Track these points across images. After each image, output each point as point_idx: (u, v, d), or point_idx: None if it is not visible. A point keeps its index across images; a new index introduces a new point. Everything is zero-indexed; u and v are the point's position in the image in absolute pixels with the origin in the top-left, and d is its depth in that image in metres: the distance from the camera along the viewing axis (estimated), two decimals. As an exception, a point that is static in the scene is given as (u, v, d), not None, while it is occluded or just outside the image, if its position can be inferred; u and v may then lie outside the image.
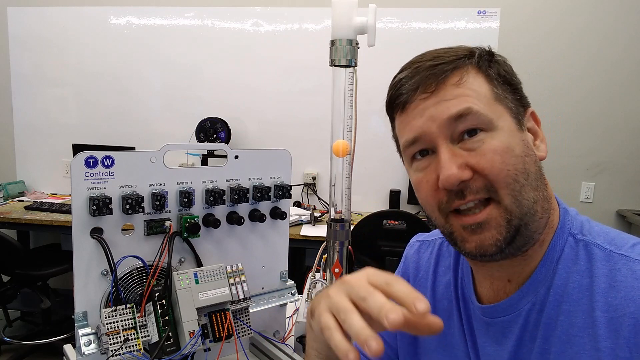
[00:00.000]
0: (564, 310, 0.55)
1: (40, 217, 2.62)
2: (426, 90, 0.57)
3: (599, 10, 2.84)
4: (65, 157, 3.16)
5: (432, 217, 0.61)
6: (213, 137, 2.93)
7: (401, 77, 0.60)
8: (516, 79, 0.60)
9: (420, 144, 0.58)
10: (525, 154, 0.56)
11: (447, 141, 0.56)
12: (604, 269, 0.54)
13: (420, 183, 0.59)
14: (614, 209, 2.98)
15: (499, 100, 0.57)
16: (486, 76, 0.58)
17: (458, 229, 0.57)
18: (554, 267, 0.57)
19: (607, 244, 0.56)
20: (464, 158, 0.55)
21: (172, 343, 0.78)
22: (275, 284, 1.03)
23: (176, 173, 0.86)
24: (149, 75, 3.15)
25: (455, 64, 0.57)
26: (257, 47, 3.04)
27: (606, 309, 0.52)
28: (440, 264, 0.74)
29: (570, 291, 0.55)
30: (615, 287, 0.52)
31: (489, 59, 0.59)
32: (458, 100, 0.55)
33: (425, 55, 0.60)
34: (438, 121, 0.56)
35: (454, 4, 2.90)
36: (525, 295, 0.58)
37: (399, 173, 3.02)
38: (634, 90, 2.88)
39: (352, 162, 1.12)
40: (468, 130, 0.55)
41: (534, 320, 0.57)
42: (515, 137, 0.56)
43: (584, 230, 0.58)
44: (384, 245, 2.27)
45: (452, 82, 0.56)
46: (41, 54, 3.18)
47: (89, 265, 0.78)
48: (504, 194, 0.54)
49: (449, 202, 0.56)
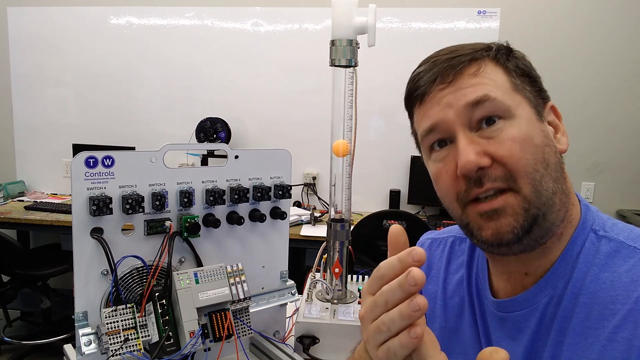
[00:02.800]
0: (580, 302, 0.55)
1: (40, 217, 2.62)
2: (444, 81, 0.57)
3: (599, 10, 2.84)
4: (65, 157, 3.16)
5: (449, 208, 0.60)
6: (213, 137, 2.93)
7: (419, 70, 0.60)
8: (535, 73, 0.60)
9: (438, 133, 0.58)
10: (545, 144, 0.55)
11: (465, 129, 0.56)
12: (627, 264, 0.54)
13: (440, 173, 0.59)
14: (614, 209, 2.98)
15: (517, 90, 0.57)
16: (504, 68, 0.58)
17: (474, 218, 0.56)
18: (573, 261, 0.57)
19: (631, 241, 0.55)
20: (483, 146, 0.54)
21: (172, 343, 0.78)
22: (275, 284, 1.03)
23: (176, 173, 0.86)
24: (149, 75, 3.15)
25: (472, 56, 0.57)
26: (257, 47, 3.04)
27: (626, 301, 0.52)
28: (452, 262, 0.73)
29: (588, 284, 0.55)
30: (637, 281, 0.52)
31: (507, 53, 0.59)
32: (475, 88, 0.55)
33: (443, 50, 0.60)
34: (455, 108, 0.56)
35: (454, 4, 2.90)
36: (543, 289, 0.58)
37: (399, 173, 3.02)
38: (634, 90, 2.88)
39: (352, 162, 1.12)
40: (486, 118, 0.55)
41: (551, 314, 0.57)
42: (535, 126, 0.56)
43: (606, 227, 0.58)
44: (384, 245, 2.27)
45: (469, 72, 0.57)
46: (41, 54, 3.18)
47: (89, 265, 0.78)
48: (523, 182, 0.53)
49: (468, 191, 0.56)
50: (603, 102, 2.90)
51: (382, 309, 0.43)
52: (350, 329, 1.01)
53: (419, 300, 0.40)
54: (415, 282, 0.40)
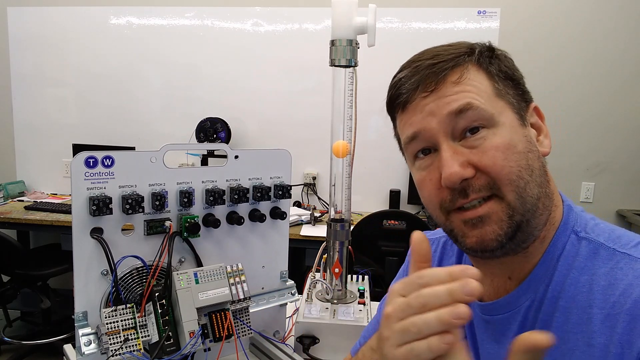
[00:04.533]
0: (560, 306, 0.55)
1: (40, 217, 2.62)
2: (426, 89, 0.56)
3: (599, 10, 2.84)
4: (65, 157, 3.16)
5: (433, 215, 0.60)
6: (213, 137, 2.93)
7: (401, 76, 0.60)
8: (518, 74, 0.60)
9: (421, 142, 0.58)
10: (528, 149, 0.55)
11: (448, 138, 0.55)
12: (605, 267, 0.54)
13: (424, 182, 0.59)
14: (614, 209, 2.98)
15: (500, 96, 0.56)
16: (487, 73, 0.57)
17: (459, 225, 0.57)
18: (554, 264, 0.57)
19: (611, 242, 0.55)
20: (466, 156, 0.54)
21: (172, 343, 0.78)
22: (275, 284, 1.03)
23: (176, 173, 0.86)
24: (149, 75, 3.15)
25: (455, 62, 0.56)
26: (257, 47, 3.04)
27: (603, 306, 0.51)
28: (444, 262, 0.73)
29: (567, 288, 0.55)
30: (614, 285, 0.52)
31: (489, 55, 0.58)
32: (458, 96, 0.55)
33: (424, 53, 0.59)
34: (438, 117, 0.55)
35: (454, 4, 2.90)
36: (524, 292, 0.58)
37: (399, 173, 3.02)
38: (634, 90, 2.88)
39: (352, 162, 1.12)
40: (470, 128, 0.55)
41: (532, 318, 0.57)
42: (518, 133, 0.56)
43: (587, 228, 0.58)
44: (384, 245, 2.27)
45: (452, 79, 0.56)
46: (41, 54, 3.18)
47: (89, 265, 0.78)
48: (507, 190, 0.53)
49: (453, 201, 0.56)
50: (603, 102, 2.90)
51: (415, 310, 0.42)
52: (350, 329, 1.01)
53: (464, 309, 0.40)
54: (472, 293, 0.40)
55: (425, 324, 0.41)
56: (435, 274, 0.43)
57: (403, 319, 0.43)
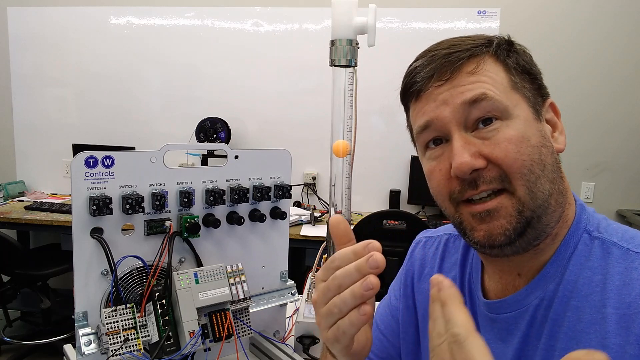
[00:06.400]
0: (572, 306, 0.54)
1: (40, 217, 2.62)
2: (441, 78, 0.56)
3: (599, 10, 2.84)
4: (65, 157, 3.16)
5: (442, 206, 0.59)
6: (213, 137, 2.93)
7: (416, 65, 0.59)
8: (536, 69, 0.59)
9: (433, 131, 0.57)
10: (541, 144, 0.55)
11: (461, 128, 0.55)
12: (620, 266, 0.53)
13: (433, 171, 0.58)
14: (614, 209, 2.98)
15: (515, 89, 0.56)
16: (504, 65, 0.56)
17: (467, 218, 0.56)
18: (565, 262, 0.56)
19: (624, 242, 0.54)
20: (478, 147, 0.54)
21: (172, 343, 0.78)
22: (275, 284, 1.03)
23: (176, 173, 0.86)
24: (149, 75, 3.15)
25: (471, 52, 0.56)
26: (257, 47, 3.04)
27: (618, 306, 0.51)
28: (446, 260, 0.73)
29: (580, 287, 0.54)
30: (630, 285, 0.51)
31: (507, 48, 0.58)
32: (473, 86, 0.54)
33: (442, 43, 0.59)
34: (451, 106, 0.55)
35: (454, 4, 2.90)
36: (533, 290, 0.57)
37: (399, 173, 3.02)
38: (634, 90, 2.87)
39: (352, 162, 1.12)
40: (483, 118, 0.54)
41: (542, 317, 0.56)
42: (532, 126, 0.55)
43: (600, 228, 0.57)
44: (384, 245, 2.23)
45: (467, 69, 0.55)
46: (41, 54, 3.18)
47: (89, 265, 0.78)
48: (518, 184, 0.53)
49: (462, 192, 0.55)
50: (603, 102, 2.90)
51: (334, 292, 0.46)
52: (350, 329, 1.01)
53: (372, 279, 0.43)
54: (377, 266, 0.43)
55: (343, 302, 0.45)
56: (344, 254, 0.47)
57: (326, 302, 0.47)
